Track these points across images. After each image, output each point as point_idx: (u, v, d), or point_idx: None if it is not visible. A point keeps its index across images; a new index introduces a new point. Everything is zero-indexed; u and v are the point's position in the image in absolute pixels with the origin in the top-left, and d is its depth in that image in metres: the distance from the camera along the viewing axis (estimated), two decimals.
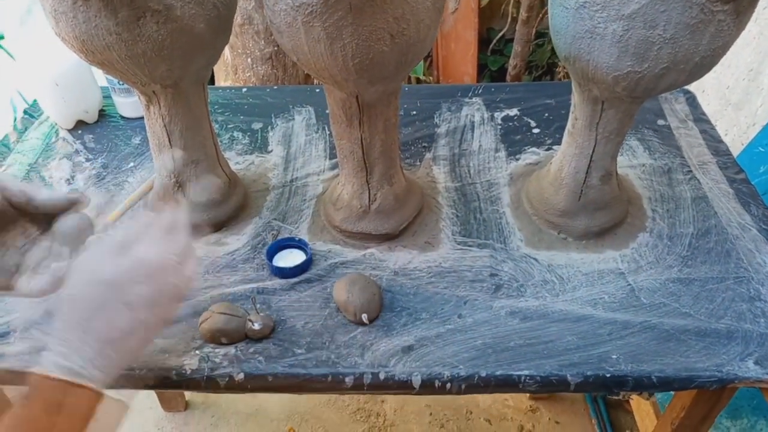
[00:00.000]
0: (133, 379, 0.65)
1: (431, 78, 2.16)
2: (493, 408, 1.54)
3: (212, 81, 1.87)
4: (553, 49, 2.04)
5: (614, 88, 0.64)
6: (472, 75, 2.04)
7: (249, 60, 1.78)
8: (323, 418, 1.53)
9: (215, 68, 1.87)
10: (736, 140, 1.24)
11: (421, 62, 1.99)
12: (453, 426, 1.50)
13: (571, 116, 0.75)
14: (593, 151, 0.74)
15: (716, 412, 0.80)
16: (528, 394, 1.56)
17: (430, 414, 1.53)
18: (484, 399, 1.56)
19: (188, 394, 1.57)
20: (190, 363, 0.65)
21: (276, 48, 1.76)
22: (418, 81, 2.11)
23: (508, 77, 1.92)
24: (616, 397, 1.20)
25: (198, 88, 0.74)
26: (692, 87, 1.05)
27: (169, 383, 0.65)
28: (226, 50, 1.79)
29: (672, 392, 1.11)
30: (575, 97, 0.73)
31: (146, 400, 1.57)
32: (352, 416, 1.53)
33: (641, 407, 1.12)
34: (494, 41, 2.15)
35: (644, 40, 0.57)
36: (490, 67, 2.14)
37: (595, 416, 1.49)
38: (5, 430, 0.43)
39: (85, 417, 0.46)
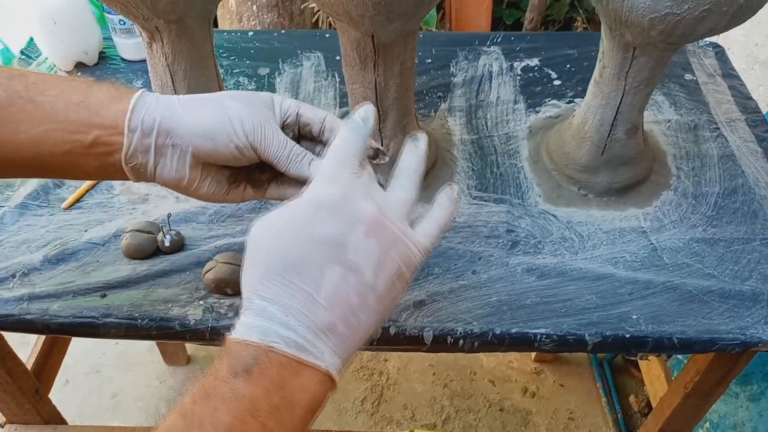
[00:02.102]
0: (134, 329, 0.63)
1: (443, 31, 2.09)
2: (497, 369, 1.53)
3: (216, 28, 1.81)
4: (571, 3, 1.96)
5: (649, 32, 0.59)
6: (486, 28, 1.98)
7: (254, 7, 1.72)
8: None
9: (219, 16, 1.81)
10: (762, 100, 1.19)
11: (434, 14, 1.92)
12: (456, 386, 1.50)
13: (598, 65, 0.71)
14: (620, 103, 0.70)
15: (731, 378, 0.79)
16: (533, 357, 1.55)
17: (434, 374, 1.53)
18: (488, 360, 1.55)
19: (190, 349, 1.56)
20: (194, 313, 0.63)
21: None
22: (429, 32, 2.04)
23: (523, 31, 1.85)
24: (632, 358, 1.19)
25: (203, 26, 0.69)
26: (719, 43, 1.00)
27: (172, 334, 0.63)
28: None
29: (683, 357, 1.09)
30: (604, 44, 0.68)
31: (148, 354, 1.57)
32: (354, 374, 1.53)
33: (651, 371, 1.11)
34: None
35: None
36: (505, 21, 2.06)
37: (600, 380, 1.48)
38: (228, 402, 0.35)
39: (311, 408, 0.37)
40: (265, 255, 0.39)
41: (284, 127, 0.50)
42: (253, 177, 0.53)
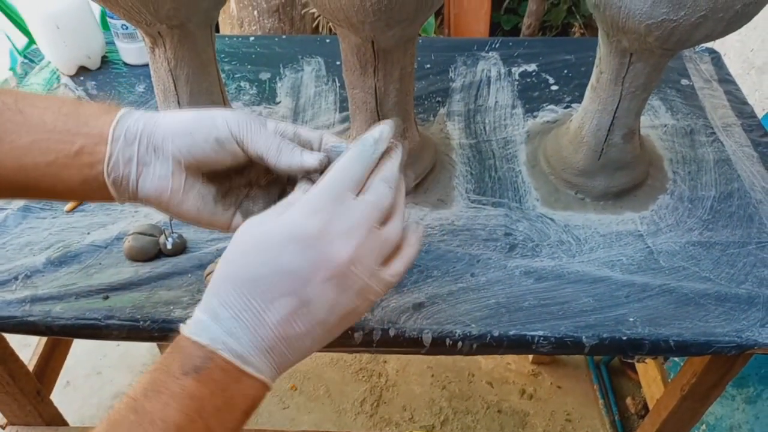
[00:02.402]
0: (136, 331, 0.63)
1: (441, 36, 2.10)
2: (495, 371, 1.54)
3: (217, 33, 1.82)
4: (569, 9, 1.98)
5: (646, 38, 0.60)
6: (484, 34, 1.99)
7: (255, 12, 1.73)
8: (325, 377, 1.53)
9: (220, 21, 1.82)
10: (757, 105, 1.20)
11: (433, 20, 1.93)
12: (455, 387, 1.51)
13: (595, 70, 0.72)
14: (617, 108, 0.70)
15: (728, 380, 0.79)
16: (530, 359, 1.56)
17: (432, 375, 1.53)
18: (486, 362, 1.56)
19: None
20: None
21: (283, 0, 1.70)
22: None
23: (521, 37, 1.86)
24: (629, 360, 1.19)
25: (206, 31, 0.70)
26: (715, 49, 1.01)
27: (174, 336, 0.64)
28: (232, 2, 1.74)
29: (680, 360, 1.10)
30: (601, 50, 0.69)
31: (149, 355, 1.58)
32: (354, 376, 1.54)
33: (648, 373, 1.11)
34: None
35: None
36: (503, 26, 2.08)
37: (597, 382, 1.49)
38: (179, 399, 0.37)
39: (247, 411, 0.40)
40: (234, 260, 0.40)
41: None
42: (244, 207, 0.50)
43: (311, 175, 0.46)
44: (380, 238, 0.42)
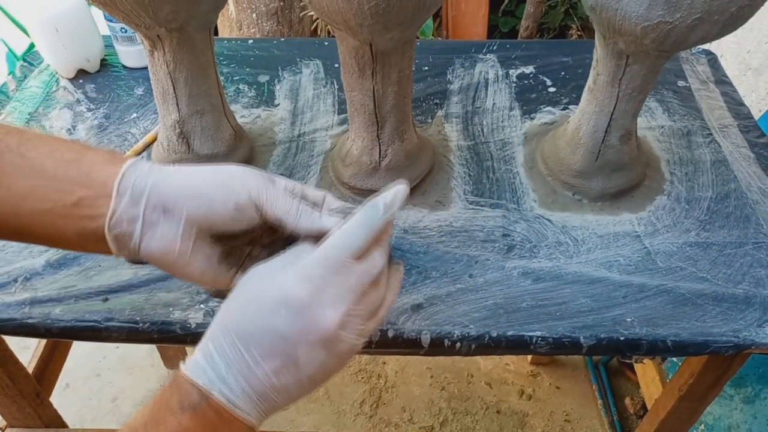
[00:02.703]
0: (136, 333, 0.64)
1: (439, 38, 2.10)
2: (494, 372, 1.54)
3: (215, 36, 1.83)
4: (566, 11, 1.98)
5: (642, 40, 0.61)
6: (482, 36, 1.99)
7: (254, 15, 1.73)
8: None
9: (219, 24, 1.82)
10: (754, 106, 1.21)
11: (431, 22, 1.93)
12: (454, 388, 1.51)
13: (592, 72, 0.72)
14: (614, 109, 0.71)
15: (725, 380, 0.80)
16: (529, 359, 1.56)
17: (431, 376, 1.54)
18: (485, 363, 1.56)
19: (190, 352, 1.57)
20: (195, 317, 0.64)
21: (282, 3, 1.71)
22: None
23: (519, 39, 1.87)
24: (627, 361, 1.20)
25: (204, 34, 0.70)
26: (712, 50, 1.02)
27: (173, 338, 0.64)
28: (231, 5, 1.74)
29: (678, 360, 1.10)
30: (598, 52, 0.70)
31: (148, 357, 1.58)
32: (353, 377, 1.54)
33: (646, 374, 1.12)
34: (506, 2, 2.09)
35: None
36: (501, 29, 2.08)
37: (596, 382, 1.49)
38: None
39: None
40: (232, 312, 0.42)
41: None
42: (247, 267, 0.47)
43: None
44: (369, 300, 0.43)
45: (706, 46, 0.99)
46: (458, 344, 0.63)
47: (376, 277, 0.43)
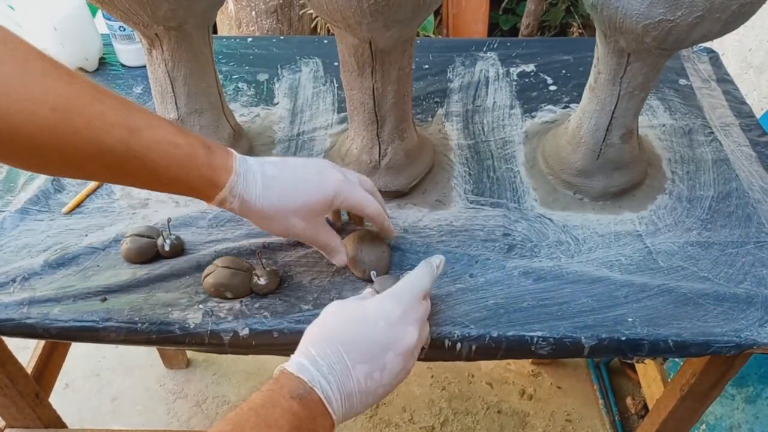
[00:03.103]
0: (134, 333, 0.63)
1: (440, 36, 2.10)
2: (495, 372, 1.54)
3: (215, 34, 1.82)
4: (567, 9, 1.98)
5: (643, 38, 0.60)
6: (482, 34, 1.99)
7: (253, 13, 1.73)
8: None
9: (218, 21, 1.82)
10: (756, 104, 1.20)
11: (432, 19, 1.93)
12: (454, 388, 1.51)
13: (593, 70, 0.71)
14: (615, 108, 0.70)
15: (727, 380, 0.79)
16: (530, 359, 1.55)
17: (432, 376, 1.53)
18: (485, 362, 1.56)
19: (190, 352, 1.57)
20: (194, 317, 0.64)
21: (281, 1, 1.70)
22: (426, 37, 2.05)
23: (520, 37, 1.86)
24: (628, 361, 1.19)
25: (203, 32, 0.70)
26: (713, 49, 1.01)
27: (172, 338, 0.64)
28: (230, 3, 1.74)
29: (679, 360, 1.10)
30: (599, 50, 0.69)
31: (148, 357, 1.57)
32: None
33: (648, 373, 1.11)
34: None
35: None
36: (502, 27, 2.08)
37: (597, 382, 1.49)
38: (288, 414, 0.46)
39: None
40: (332, 327, 0.52)
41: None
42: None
43: (374, 286, 0.61)
44: (425, 331, 0.56)
45: (708, 45, 0.99)
46: (459, 344, 0.63)
47: (428, 313, 0.57)
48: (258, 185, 0.57)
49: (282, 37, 1.06)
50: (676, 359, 1.18)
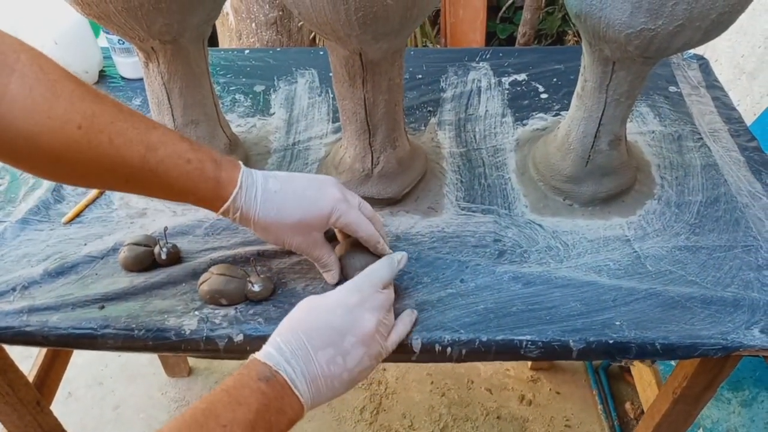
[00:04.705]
0: (131, 340, 0.64)
1: (438, 46, 2.12)
2: (494, 378, 1.55)
3: (216, 46, 1.84)
4: (563, 17, 1.99)
5: (626, 47, 0.62)
6: (480, 43, 2.01)
7: (253, 25, 1.75)
8: None
9: (219, 33, 1.84)
10: (748, 110, 1.21)
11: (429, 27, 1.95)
12: (454, 394, 1.51)
13: (580, 78, 0.73)
14: (602, 115, 0.72)
15: (718, 382, 0.80)
16: (529, 365, 1.56)
17: (431, 383, 1.54)
18: (485, 369, 1.56)
19: (192, 361, 1.58)
20: (190, 324, 0.65)
21: (281, 12, 1.73)
22: (425, 46, 2.07)
23: (516, 46, 1.88)
24: (618, 365, 1.20)
25: (198, 46, 0.72)
26: (705, 55, 1.03)
27: (168, 344, 0.65)
28: (230, 15, 1.76)
29: (674, 362, 1.10)
30: (585, 59, 0.71)
31: (150, 365, 1.59)
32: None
33: (643, 377, 1.12)
34: (503, 8, 2.11)
35: None
36: (499, 35, 2.10)
37: (596, 387, 1.49)
38: (256, 394, 0.50)
39: (289, 424, 0.53)
40: (297, 318, 0.56)
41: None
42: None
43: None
44: (388, 319, 0.60)
45: (698, 50, 1.00)
46: (449, 349, 0.64)
47: (390, 304, 0.61)
48: (258, 199, 0.60)
49: (278, 49, 1.08)
50: (672, 362, 1.19)
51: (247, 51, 1.06)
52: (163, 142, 0.56)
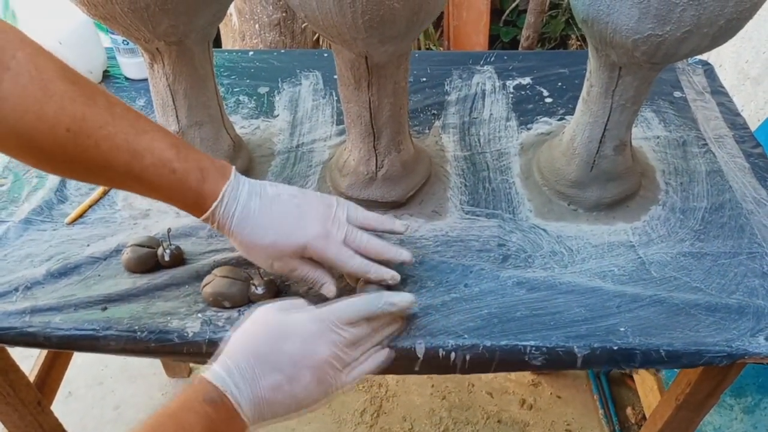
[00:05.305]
0: (134, 342, 0.64)
1: (441, 48, 2.12)
2: (495, 381, 1.54)
3: (219, 47, 1.84)
4: (567, 21, 1.99)
5: (633, 52, 0.61)
6: (483, 46, 2.01)
7: (257, 26, 1.75)
8: None
9: (222, 34, 1.84)
10: (753, 116, 1.21)
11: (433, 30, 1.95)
12: (455, 398, 1.51)
13: (586, 83, 0.73)
14: (608, 120, 0.71)
15: (722, 389, 0.79)
16: None
17: (432, 386, 1.54)
18: None
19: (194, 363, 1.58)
20: (192, 326, 0.65)
21: (284, 14, 1.73)
22: (429, 49, 2.07)
23: (520, 49, 1.88)
24: (621, 371, 1.20)
25: (203, 47, 0.72)
26: (710, 61, 1.02)
27: (170, 347, 0.65)
28: (234, 16, 1.76)
29: (675, 369, 1.10)
30: (591, 63, 0.70)
31: (150, 366, 1.58)
32: (354, 386, 1.54)
33: (645, 383, 1.12)
34: (507, 12, 2.11)
35: (667, 0, 0.55)
36: (503, 39, 2.09)
37: (597, 392, 1.49)
38: (202, 418, 0.50)
39: None
40: (251, 337, 0.55)
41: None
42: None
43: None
44: (348, 355, 0.57)
45: (703, 56, 1.00)
46: (452, 354, 0.64)
47: (356, 342, 0.58)
48: (235, 216, 0.60)
49: (283, 51, 1.08)
50: (672, 369, 1.19)
51: (251, 52, 1.06)
52: (150, 150, 0.56)
